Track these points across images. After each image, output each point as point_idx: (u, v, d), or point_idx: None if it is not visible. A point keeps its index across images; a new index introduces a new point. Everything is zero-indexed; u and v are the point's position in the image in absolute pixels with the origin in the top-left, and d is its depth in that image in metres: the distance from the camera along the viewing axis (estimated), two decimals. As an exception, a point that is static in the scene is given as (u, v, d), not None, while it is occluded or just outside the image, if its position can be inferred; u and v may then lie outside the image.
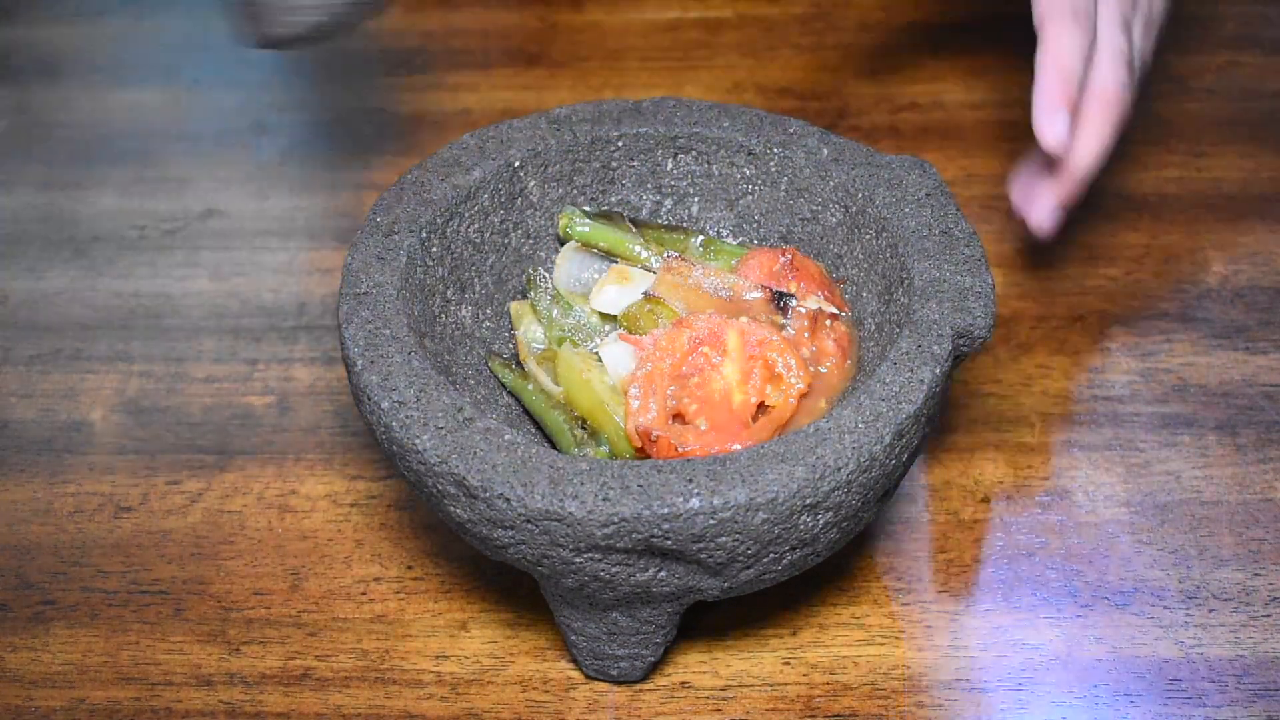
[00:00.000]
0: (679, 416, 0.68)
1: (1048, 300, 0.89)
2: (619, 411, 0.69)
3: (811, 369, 0.70)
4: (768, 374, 0.68)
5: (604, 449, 0.69)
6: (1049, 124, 0.73)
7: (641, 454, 0.68)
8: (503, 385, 0.73)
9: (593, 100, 0.85)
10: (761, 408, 0.68)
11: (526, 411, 0.73)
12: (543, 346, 0.74)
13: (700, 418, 0.67)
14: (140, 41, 1.11)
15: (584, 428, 0.70)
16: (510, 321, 0.76)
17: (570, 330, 0.74)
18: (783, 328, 0.70)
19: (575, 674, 0.72)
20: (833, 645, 0.73)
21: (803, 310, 0.71)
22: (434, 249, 0.72)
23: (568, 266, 0.76)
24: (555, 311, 0.74)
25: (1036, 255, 0.92)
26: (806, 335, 0.71)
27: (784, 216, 0.77)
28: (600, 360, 0.72)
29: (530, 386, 0.72)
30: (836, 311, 0.72)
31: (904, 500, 0.79)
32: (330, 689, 0.72)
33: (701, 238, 0.76)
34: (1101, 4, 0.77)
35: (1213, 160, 0.98)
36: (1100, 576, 0.76)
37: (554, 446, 0.71)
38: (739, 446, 0.65)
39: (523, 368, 0.73)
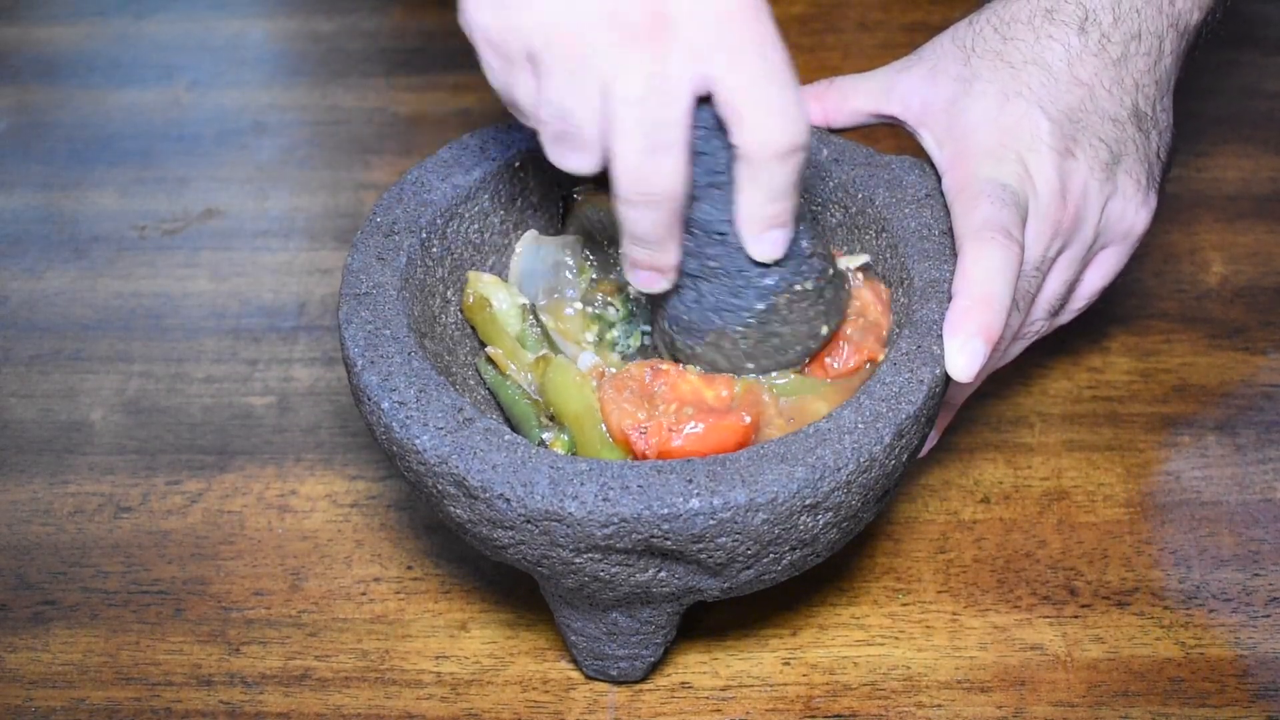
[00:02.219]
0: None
1: (1047, 300, 0.89)
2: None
3: (862, 320, 0.69)
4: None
5: (565, 438, 0.68)
6: (958, 354, 0.65)
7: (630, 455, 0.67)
8: (482, 379, 0.73)
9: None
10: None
11: (495, 399, 0.73)
12: (518, 328, 0.73)
13: (684, 409, 0.67)
14: (140, 41, 1.11)
15: (551, 418, 0.70)
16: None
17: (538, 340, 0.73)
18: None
19: (575, 674, 0.72)
20: (832, 645, 0.73)
21: (845, 268, 0.71)
22: (434, 249, 0.72)
23: (526, 259, 0.75)
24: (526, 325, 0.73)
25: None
26: (861, 285, 0.71)
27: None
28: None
29: (509, 383, 0.72)
30: (870, 263, 0.72)
31: (904, 500, 0.79)
32: (330, 689, 0.72)
33: None
34: (1074, 241, 0.73)
35: (1212, 160, 0.98)
36: (1100, 576, 0.76)
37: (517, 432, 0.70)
38: (729, 421, 0.65)
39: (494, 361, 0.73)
